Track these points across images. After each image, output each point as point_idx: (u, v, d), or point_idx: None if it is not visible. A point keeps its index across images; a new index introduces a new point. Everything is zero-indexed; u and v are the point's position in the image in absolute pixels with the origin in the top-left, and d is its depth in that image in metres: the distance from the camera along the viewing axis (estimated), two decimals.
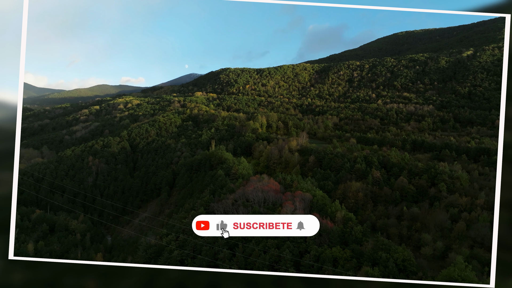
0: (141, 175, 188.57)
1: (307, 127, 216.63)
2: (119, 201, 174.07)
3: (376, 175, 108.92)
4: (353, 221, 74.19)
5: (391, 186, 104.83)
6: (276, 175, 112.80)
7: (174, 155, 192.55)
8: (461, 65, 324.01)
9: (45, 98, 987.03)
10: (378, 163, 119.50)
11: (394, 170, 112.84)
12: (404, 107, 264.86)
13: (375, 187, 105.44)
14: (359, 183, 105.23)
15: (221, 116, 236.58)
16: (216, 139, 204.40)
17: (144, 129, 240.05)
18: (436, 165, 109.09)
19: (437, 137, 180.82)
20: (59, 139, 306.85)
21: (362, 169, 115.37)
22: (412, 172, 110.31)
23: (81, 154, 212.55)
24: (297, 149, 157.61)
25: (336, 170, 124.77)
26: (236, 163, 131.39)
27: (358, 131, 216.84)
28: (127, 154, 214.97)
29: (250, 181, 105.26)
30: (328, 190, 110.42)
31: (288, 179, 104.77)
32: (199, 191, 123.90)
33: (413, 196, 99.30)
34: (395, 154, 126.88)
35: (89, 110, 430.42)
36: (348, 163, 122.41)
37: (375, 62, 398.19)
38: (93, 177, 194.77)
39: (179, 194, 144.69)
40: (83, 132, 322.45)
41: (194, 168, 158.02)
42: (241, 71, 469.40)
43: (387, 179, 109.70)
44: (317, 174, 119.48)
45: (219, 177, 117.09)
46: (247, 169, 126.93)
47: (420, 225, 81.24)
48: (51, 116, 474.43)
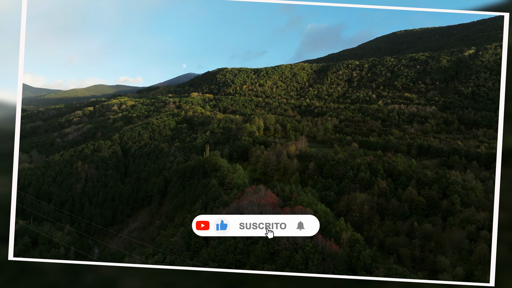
0: (132, 181, 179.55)
1: (306, 129, 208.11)
2: (109, 209, 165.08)
3: (382, 185, 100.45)
4: (361, 244, 65.68)
5: (398, 198, 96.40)
6: (274, 185, 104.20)
7: (167, 160, 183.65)
8: (463, 65, 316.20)
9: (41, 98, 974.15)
10: (383, 171, 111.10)
11: (401, 179, 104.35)
12: (406, 108, 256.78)
13: (381, 198, 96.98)
14: (364, 195, 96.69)
15: (217, 119, 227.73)
16: (211, 142, 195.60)
17: (136, 132, 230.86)
18: (447, 174, 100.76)
19: (442, 140, 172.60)
20: (50, 142, 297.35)
21: (366, 178, 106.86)
22: (420, 181, 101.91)
23: (70, 159, 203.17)
24: (296, 154, 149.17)
25: (338, 178, 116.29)
26: (231, 171, 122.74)
27: (359, 133, 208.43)
28: (118, 159, 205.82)
29: (245, 193, 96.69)
30: (330, 201, 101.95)
31: (287, 190, 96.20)
32: (191, 201, 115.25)
33: (423, 209, 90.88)
34: (401, 161, 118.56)
35: (82, 111, 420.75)
36: (351, 171, 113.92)
37: (375, 61, 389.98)
38: (82, 183, 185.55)
39: (170, 204, 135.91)
40: (75, 134, 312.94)
41: (187, 175, 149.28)
42: (238, 71, 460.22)
43: (393, 190, 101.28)
44: (318, 184, 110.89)
45: (212, 187, 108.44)
46: (243, 177, 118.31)
47: (434, 245, 72.79)
48: (44, 118, 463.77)
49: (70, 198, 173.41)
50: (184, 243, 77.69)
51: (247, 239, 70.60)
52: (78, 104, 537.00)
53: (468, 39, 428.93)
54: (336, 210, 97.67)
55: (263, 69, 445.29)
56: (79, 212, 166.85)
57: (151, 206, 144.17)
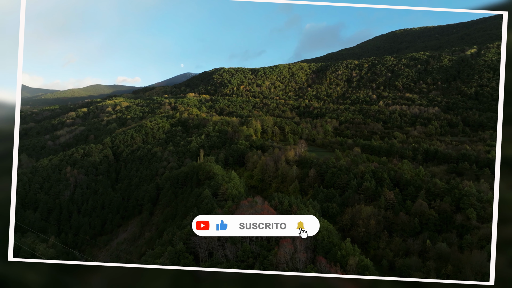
0: (123, 187, 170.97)
1: (305, 132, 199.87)
2: (98, 218, 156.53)
3: (389, 196, 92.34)
4: (371, 271, 57.51)
5: (407, 211, 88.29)
6: (272, 196, 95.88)
7: (159, 165, 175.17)
8: (465, 64, 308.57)
9: (38, 98, 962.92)
10: (389, 180, 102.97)
11: (410, 189, 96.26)
12: (408, 109, 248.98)
13: (388, 211, 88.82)
14: (370, 208, 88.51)
15: (212, 121, 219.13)
16: (206, 146, 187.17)
17: (129, 136, 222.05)
18: (460, 184, 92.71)
19: (448, 144, 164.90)
20: (41, 145, 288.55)
21: (371, 188, 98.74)
22: (430, 192, 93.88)
23: (59, 164, 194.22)
24: (295, 160, 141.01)
25: (341, 188, 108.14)
26: (226, 179, 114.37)
27: (360, 136, 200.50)
28: (109, 164, 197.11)
29: (240, 206, 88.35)
30: (332, 214, 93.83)
31: (286, 203, 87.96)
32: (183, 213, 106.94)
33: (435, 224, 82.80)
34: (408, 168, 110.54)
35: (76, 113, 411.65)
36: (354, 180, 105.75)
37: (374, 61, 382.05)
38: (71, 190, 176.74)
39: (161, 214, 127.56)
40: (67, 137, 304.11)
41: (180, 183, 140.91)
42: (235, 71, 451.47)
43: (401, 201, 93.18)
44: (319, 194, 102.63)
45: (205, 199, 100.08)
46: (238, 187, 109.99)
47: (452, 269, 64.72)
48: (38, 119, 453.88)
49: (57, 206, 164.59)
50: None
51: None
52: (73, 105, 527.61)
53: (469, 38, 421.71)
54: (340, 224, 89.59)
55: (261, 69, 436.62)
56: (66, 221, 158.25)
57: (142, 216, 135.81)
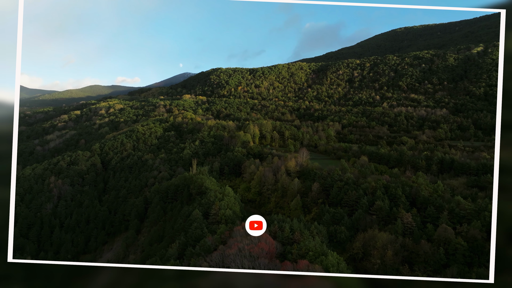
0: (110, 199, 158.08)
1: (306, 137, 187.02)
2: (82, 234, 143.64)
3: (407, 219, 79.48)
4: None
5: (429, 237, 75.52)
6: (271, 219, 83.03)
7: (150, 175, 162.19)
8: (472, 63, 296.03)
9: (35, 100, 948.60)
10: (405, 197, 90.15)
11: (429, 210, 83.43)
12: (414, 110, 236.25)
13: (407, 238, 75.99)
14: (385, 234, 75.57)
15: (208, 125, 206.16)
16: (200, 153, 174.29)
17: (119, 142, 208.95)
18: (489, 205, 79.91)
19: (461, 149, 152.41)
20: (30, 150, 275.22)
21: (385, 209, 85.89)
22: (454, 213, 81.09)
23: (42, 174, 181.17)
24: (297, 170, 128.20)
25: (349, 206, 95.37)
26: (219, 196, 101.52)
27: (365, 141, 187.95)
28: (97, 173, 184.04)
29: (233, 233, 75.65)
30: (341, 240, 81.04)
31: (287, 230, 75.09)
32: (169, 237, 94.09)
33: (464, 255, 69.95)
34: (424, 183, 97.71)
35: (68, 115, 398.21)
36: (364, 198, 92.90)
37: (377, 60, 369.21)
38: (54, 202, 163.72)
39: (148, 234, 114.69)
40: (57, 142, 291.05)
41: (170, 197, 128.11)
42: (233, 71, 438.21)
43: (421, 225, 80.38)
44: (325, 215, 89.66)
45: (195, 221, 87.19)
46: (233, 205, 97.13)
47: None
48: (31, 122, 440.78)
49: (38, 221, 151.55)
50: None
51: None
52: (67, 107, 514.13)
53: (474, 36, 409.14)
54: (350, 253, 76.86)
55: (259, 69, 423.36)
56: (47, 238, 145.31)
57: (128, 235, 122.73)
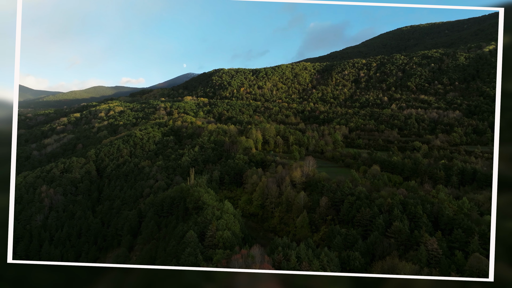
0: (104, 210, 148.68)
1: (312, 143, 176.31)
2: (72, 249, 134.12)
3: (433, 245, 68.73)
4: None
5: (459, 268, 64.85)
6: (275, 244, 72.64)
7: (146, 184, 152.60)
8: (484, 62, 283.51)
9: (39, 101, 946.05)
10: (426, 217, 79.36)
11: (457, 234, 72.67)
12: (425, 113, 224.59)
13: (433, 269, 65.33)
14: (408, 265, 64.95)
15: (208, 130, 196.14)
16: (199, 160, 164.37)
17: (115, 147, 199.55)
18: None
19: (479, 156, 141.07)
20: (26, 155, 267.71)
21: (405, 232, 75.18)
22: (486, 238, 70.26)
23: (34, 182, 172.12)
24: (302, 181, 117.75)
25: (362, 225, 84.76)
26: (217, 213, 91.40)
27: (374, 146, 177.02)
28: (91, 181, 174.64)
29: (231, 262, 65.42)
30: (355, 269, 70.45)
31: (293, 259, 64.77)
32: (161, 261, 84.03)
33: None
34: (447, 199, 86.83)
35: (68, 118, 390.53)
36: (380, 217, 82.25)
37: (383, 59, 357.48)
38: (45, 213, 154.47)
39: (140, 253, 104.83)
40: (55, 146, 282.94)
41: (165, 210, 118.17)
42: (236, 72, 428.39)
43: (447, 252, 69.62)
44: (336, 237, 79.05)
45: (189, 245, 77.09)
46: (232, 224, 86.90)
47: None
48: (31, 124, 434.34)
49: (27, 234, 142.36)
50: None
51: None
52: (68, 109, 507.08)
53: (484, 34, 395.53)
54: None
55: (262, 70, 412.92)
56: (36, 253, 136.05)
57: (119, 253, 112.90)
